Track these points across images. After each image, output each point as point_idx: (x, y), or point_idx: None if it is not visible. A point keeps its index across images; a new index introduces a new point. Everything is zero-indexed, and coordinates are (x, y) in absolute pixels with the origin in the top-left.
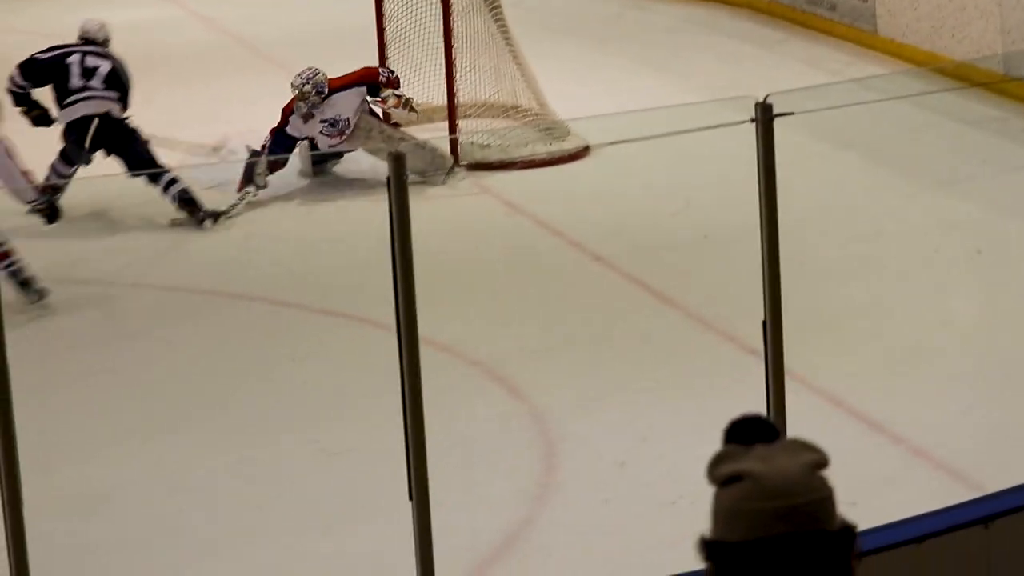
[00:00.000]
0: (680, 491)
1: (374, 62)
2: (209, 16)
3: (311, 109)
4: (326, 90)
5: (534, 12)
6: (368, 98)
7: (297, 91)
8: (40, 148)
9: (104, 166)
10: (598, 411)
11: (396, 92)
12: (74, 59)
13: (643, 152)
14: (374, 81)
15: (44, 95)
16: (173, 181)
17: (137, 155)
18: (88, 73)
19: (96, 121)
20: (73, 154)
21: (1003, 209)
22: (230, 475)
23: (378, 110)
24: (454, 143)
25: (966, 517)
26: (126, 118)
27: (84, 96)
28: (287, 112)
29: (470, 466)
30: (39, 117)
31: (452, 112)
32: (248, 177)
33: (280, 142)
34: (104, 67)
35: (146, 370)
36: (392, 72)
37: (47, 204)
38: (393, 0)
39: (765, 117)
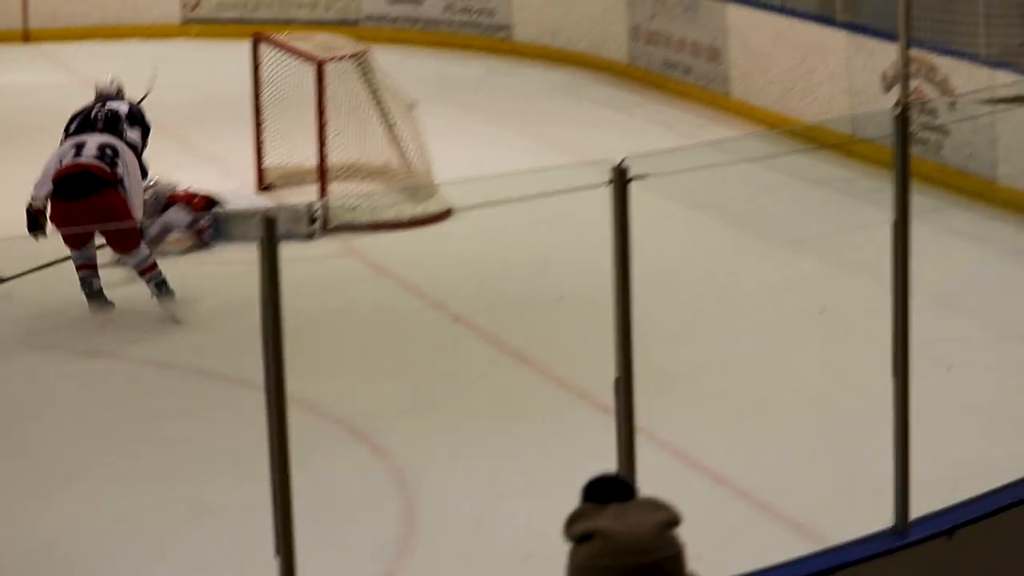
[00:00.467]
0: (535, 547)
1: (250, 126)
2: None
3: (149, 217)
4: (164, 200)
5: (403, 77)
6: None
7: None
8: None
9: None
10: (457, 468)
11: (182, 237)
12: (96, 112)
13: (505, 214)
14: (198, 215)
15: None
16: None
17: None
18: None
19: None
20: None
21: (847, 267)
22: (107, 531)
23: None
24: (324, 206)
25: (806, 570)
26: (142, 155)
27: None
28: None
29: (334, 521)
30: None
31: (323, 175)
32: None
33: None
34: (123, 108)
35: (24, 429)
36: (211, 231)
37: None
38: (270, 65)
39: (620, 180)
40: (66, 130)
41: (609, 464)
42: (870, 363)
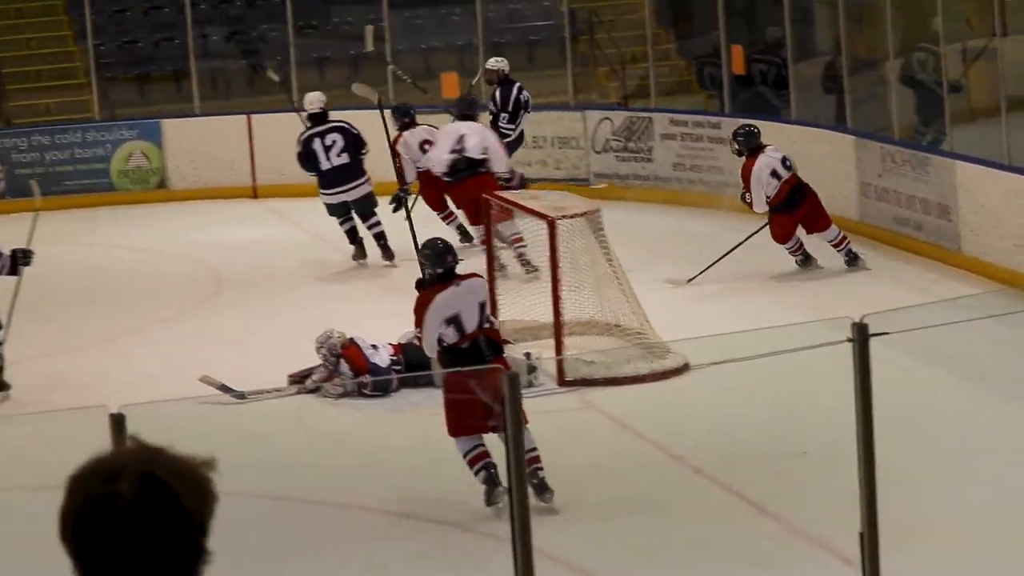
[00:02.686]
0: None
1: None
2: (323, 235)
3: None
4: (339, 352)
5: (635, 232)
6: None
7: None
8: None
9: None
10: None
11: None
12: None
13: (742, 369)
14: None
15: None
16: None
17: None
18: None
19: None
20: None
21: None
22: None
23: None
24: (560, 364)
25: None
26: None
27: None
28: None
29: None
30: None
31: (558, 330)
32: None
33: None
34: None
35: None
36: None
37: None
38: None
39: (861, 337)
40: None
41: None
42: None
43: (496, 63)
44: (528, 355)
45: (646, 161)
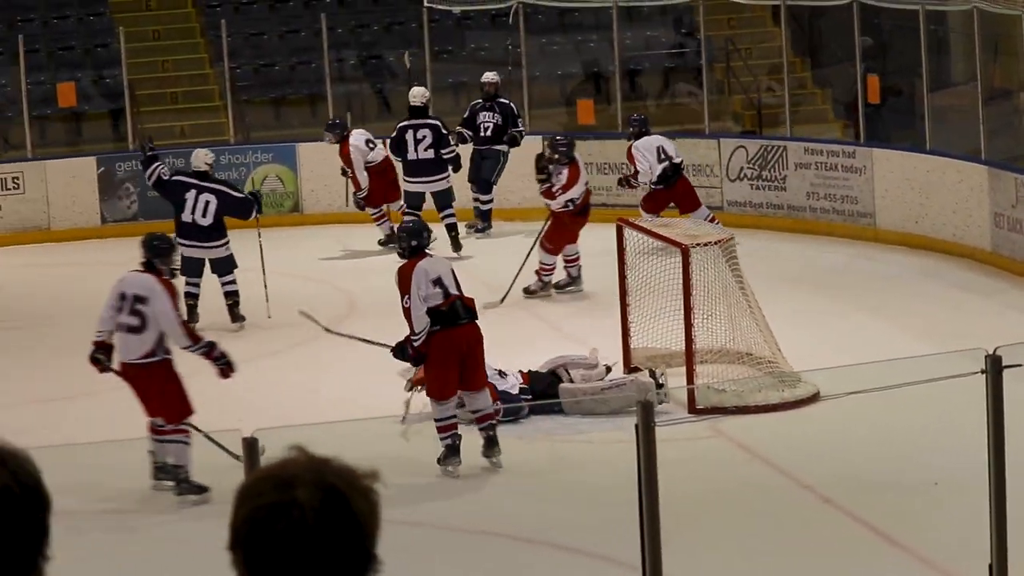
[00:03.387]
0: None
1: (616, 309)
2: (456, 262)
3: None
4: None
5: (767, 261)
6: None
7: None
8: None
9: None
10: None
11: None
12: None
13: (872, 399)
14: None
15: None
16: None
17: None
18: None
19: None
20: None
21: None
22: None
23: None
24: (691, 393)
25: None
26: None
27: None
28: None
29: None
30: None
31: (689, 358)
32: None
33: None
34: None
35: None
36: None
37: None
38: (635, 252)
39: (994, 369)
40: None
41: None
42: None
43: (495, 76)
44: (653, 372)
45: (780, 190)
